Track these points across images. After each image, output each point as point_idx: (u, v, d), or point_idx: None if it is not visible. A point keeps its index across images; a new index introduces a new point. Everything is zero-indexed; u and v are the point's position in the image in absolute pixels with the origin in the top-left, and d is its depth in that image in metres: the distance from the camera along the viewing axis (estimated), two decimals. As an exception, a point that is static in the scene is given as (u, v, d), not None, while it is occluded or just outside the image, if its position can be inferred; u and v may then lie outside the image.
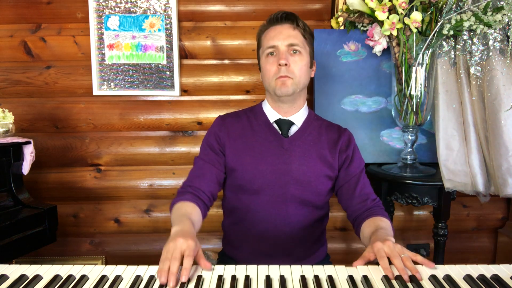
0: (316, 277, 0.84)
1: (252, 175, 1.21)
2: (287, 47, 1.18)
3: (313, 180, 1.21)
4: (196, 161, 1.26)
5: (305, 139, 1.24)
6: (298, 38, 1.19)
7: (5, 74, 1.98)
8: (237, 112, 1.33)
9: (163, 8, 1.93)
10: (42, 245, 1.62)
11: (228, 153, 1.24)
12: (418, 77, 1.57)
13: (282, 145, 1.22)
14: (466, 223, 2.13)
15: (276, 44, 1.18)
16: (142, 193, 2.07)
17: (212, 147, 1.25)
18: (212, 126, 1.29)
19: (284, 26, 1.20)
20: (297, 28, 1.20)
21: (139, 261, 2.09)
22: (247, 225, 1.25)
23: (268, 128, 1.25)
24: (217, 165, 1.23)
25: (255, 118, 1.28)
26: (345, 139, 1.27)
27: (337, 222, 2.10)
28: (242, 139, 1.24)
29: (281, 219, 1.22)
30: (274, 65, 1.19)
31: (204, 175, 1.21)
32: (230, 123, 1.28)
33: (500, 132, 1.51)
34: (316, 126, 1.28)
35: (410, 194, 1.61)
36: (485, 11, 1.50)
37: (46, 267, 0.89)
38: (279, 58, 1.17)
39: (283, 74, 1.17)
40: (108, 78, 1.96)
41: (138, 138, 2.04)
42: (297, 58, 1.19)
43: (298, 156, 1.21)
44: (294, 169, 1.20)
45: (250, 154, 1.22)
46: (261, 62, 1.24)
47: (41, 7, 1.95)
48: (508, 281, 0.84)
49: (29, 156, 1.67)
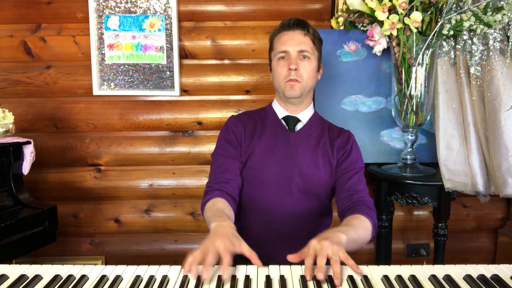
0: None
1: (261, 166, 1.27)
2: (298, 52, 1.26)
3: (317, 174, 1.26)
4: (216, 159, 1.30)
5: (310, 135, 1.31)
6: (308, 44, 1.27)
7: (5, 74, 1.98)
8: (249, 112, 1.41)
9: (163, 8, 1.93)
10: (42, 245, 1.62)
11: (243, 146, 1.30)
12: (418, 77, 1.57)
13: (289, 140, 1.30)
14: (466, 223, 2.13)
15: (288, 49, 1.26)
16: (142, 193, 2.07)
17: (230, 141, 1.31)
18: (227, 124, 1.35)
19: (296, 32, 1.28)
20: (307, 35, 1.28)
21: (139, 261, 2.09)
22: (252, 215, 1.29)
23: (277, 124, 1.33)
24: (237, 157, 1.29)
25: (265, 116, 1.37)
26: (345, 136, 1.33)
27: (337, 222, 2.10)
28: (254, 134, 1.32)
29: (286, 210, 1.26)
30: (284, 68, 1.27)
31: (227, 170, 1.25)
32: (244, 119, 1.35)
33: (500, 132, 1.51)
34: (320, 124, 1.35)
35: (410, 194, 1.61)
36: (485, 11, 1.50)
37: (46, 267, 0.89)
38: (290, 62, 1.25)
39: (293, 78, 1.25)
40: (108, 78, 1.96)
41: (138, 138, 2.04)
42: (306, 63, 1.27)
43: (303, 150, 1.28)
44: (299, 162, 1.27)
45: (260, 146, 1.29)
46: (273, 64, 1.33)
47: (41, 7, 1.95)
48: (508, 281, 0.84)
49: (29, 156, 1.67)
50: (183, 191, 2.07)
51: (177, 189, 2.07)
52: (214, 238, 0.89)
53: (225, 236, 0.90)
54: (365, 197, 1.22)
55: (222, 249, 0.85)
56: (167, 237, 2.11)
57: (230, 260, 0.84)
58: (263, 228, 1.28)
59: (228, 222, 1.00)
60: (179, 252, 2.11)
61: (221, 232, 0.93)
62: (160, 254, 2.12)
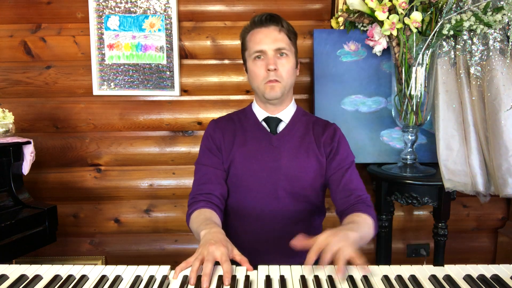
0: (316, 277, 0.84)
1: (243, 173, 1.23)
2: (274, 51, 1.19)
3: (303, 175, 1.23)
4: (199, 168, 1.27)
5: (293, 135, 1.26)
6: (284, 41, 1.20)
7: (5, 74, 1.98)
8: (230, 115, 1.36)
9: (163, 8, 1.93)
10: (42, 245, 1.62)
11: (223, 154, 1.26)
12: (418, 77, 1.57)
13: (271, 143, 1.24)
14: (466, 223, 2.13)
15: (264, 48, 1.19)
16: (142, 193, 2.07)
17: (211, 149, 1.27)
18: (207, 130, 1.31)
19: (270, 29, 1.20)
20: (282, 30, 1.21)
21: (139, 261, 2.09)
22: (240, 223, 1.27)
23: (257, 126, 1.28)
24: (219, 166, 1.25)
25: (245, 118, 1.31)
26: (330, 132, 1.27)
27: (337, 222, 2.10)
28: (234, 140, 1.26)
29: (275, 216, 1.23)
30: (262, 69, 1.20)
31: (210, 180, 1.22)
32: (223, 125, 1.30)
33: (500, 132, 1.51)
34: (304, 121, 1.29)
35: (410, 194, 1.61)
36: (485, 11, 1.50)
37: (46, 267, 0.89)
38: (268, 63, 1.18)
39: (272, 79, 1.19)
40: (108, 78, 1.96)
41: (138, 138, 2.04)
42: (284, 61, 1.20)
43: (287, 152, 1.23)
44: (284, 165, 1.22)
45: (241, 153, 1.24)
46: (248, 65, 1.25)
47: (41, 7, 1.95)
48: (508, 281, 0.84)
49: (29, 156, 1.67)
50: (183, 191, 2.07)
51: (177, 189, 2.07)
52: (208, 245, 0.88)
53: (219, 242, 0.89)
54: (362, 195, 1.19)
55: (220, 257, 0.85)
56: (167, 237, 2.11)
57: (230, 267, 0.84)
58: (252, 234, 1.25)
59: (218, 229, 0.99)
60: (179, 252, 2.11)
61: (214, 238, 0.91)
62: (160, 254, 2.12)
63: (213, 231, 0.96)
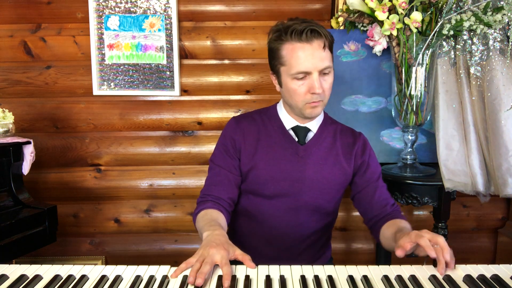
0: (316, 277, 0.84)
1: (266, 182, 1.19)
2: (320, 72, 1.10)
3: (327, 188, 1.21)
4: (212, 167, 1.24)
5: (320, 145, 1.22)
6: (328, 59, 1.11)
7: (5, 74, 1.98)
8: (251, 114, 1.29)
9: (163, 8, 1.93)
10: (42, 245, 1.62)
11: (243, 157, 1.21)
12: (418, 77, 1.56)
13: (298, 153, 1.20)
14: (466, 223, 2.13)
15: (309, 70, 1.09)
16: (142, 193, 2.07)
17: (228, 151, 1.22)
18: (227, 129, 1.25)
19: (314, 45, 1.08)
20: (326, 45, 1.10)
21: (139, 261, 2.09)
22: (256, 228, 1.25)
23: (284, 134, 1.22)
24: (233, 170, 1.21)
25: (269, 122, 1.25)
26: (360, 144, 1.25)
27: (337, 222, 2.10)
28: (257, 144, 1.21)
29: (292, 226, 1.21)
30: (304, 89, 1.11)
31: (221, 182, 1.19)
32: (246, 126, 1.24)
33: (500, 132, 1.51)
34: (331, 130, 1.26)
35: (410, 194, 1.61)
36: (485, 11, 1.50)
37: (46, 267, 0.89)
38: (313, 86, 1.09)
39: (316, 100, 1.13)
40: (108, 78, 1.96)
41: (138, 138, 2.04)
42: (327, 77, 1.13)
43: (313, 163, 1.20)
44: (308, 177, 1.19)
45: (265, 159, 1.20)
46: (285, 80, 1.14)
47: (41, 7, 1.95)
48: (508, 281, 0.84)
49: (29, 156, 1.67)
50: (183, 191, 2.07)
51: (177, 189, 2.07)
52: (209, 248, 0.87)
53: (220, 245, 0.89)
54: (394, 203, 1.23)
55: (220, 260, 0.85)
56: (167, 237, 2.12)
57: (229, 269, 0.84)
58: (262, 238, 1.24)
59: (221, 231, 0.98)
60: (179, 252, 2.11)
61: (215, 241, 0.91)
62: (160, 254, 2.12)
63: (215, 234, 0.95)
